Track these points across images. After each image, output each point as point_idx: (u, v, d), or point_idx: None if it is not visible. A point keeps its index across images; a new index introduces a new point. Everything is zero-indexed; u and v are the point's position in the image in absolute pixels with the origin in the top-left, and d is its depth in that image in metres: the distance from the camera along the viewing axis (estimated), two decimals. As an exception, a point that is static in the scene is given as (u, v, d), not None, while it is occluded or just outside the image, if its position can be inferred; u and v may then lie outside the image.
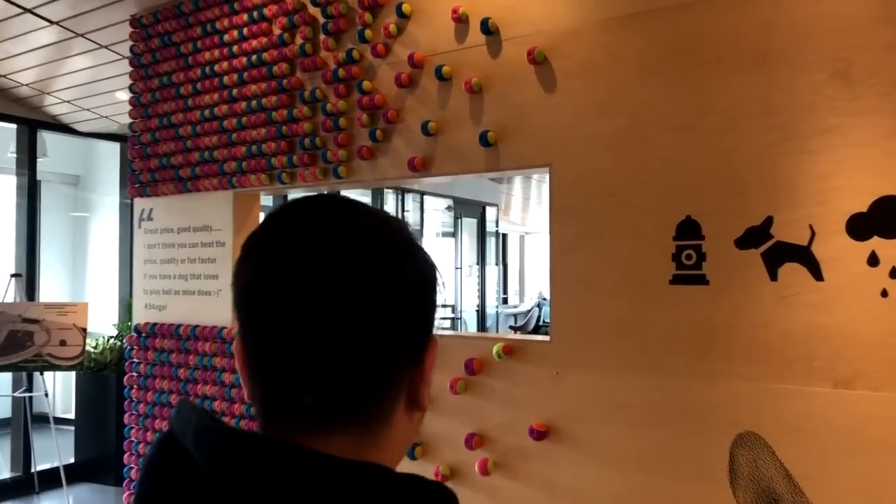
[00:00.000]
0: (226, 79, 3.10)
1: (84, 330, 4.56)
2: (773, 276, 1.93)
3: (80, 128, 5.38)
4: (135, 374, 3.42)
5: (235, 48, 3.07)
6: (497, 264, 11.93)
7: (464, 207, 10.81)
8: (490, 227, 11.55)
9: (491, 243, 11.75)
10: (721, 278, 2.00)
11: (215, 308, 3.14)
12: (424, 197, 10.07)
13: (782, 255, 1.92)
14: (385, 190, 9.04)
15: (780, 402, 1.90)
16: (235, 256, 3.01)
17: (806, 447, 1.86)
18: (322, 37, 2.82)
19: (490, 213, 11.44)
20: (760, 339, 1.93)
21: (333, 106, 2.75)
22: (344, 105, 2.74)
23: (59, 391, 6.95)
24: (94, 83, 4.45)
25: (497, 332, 10.87)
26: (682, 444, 2.04)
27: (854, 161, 1.83)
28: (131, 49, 3.50)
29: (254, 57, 3.00)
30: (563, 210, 2.29)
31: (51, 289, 7.25)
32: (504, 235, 12.25)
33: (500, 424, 2.39)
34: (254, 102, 2.99)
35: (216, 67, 3.13)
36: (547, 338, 2.33)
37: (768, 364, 1.92)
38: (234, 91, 3.06)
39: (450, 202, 10.56)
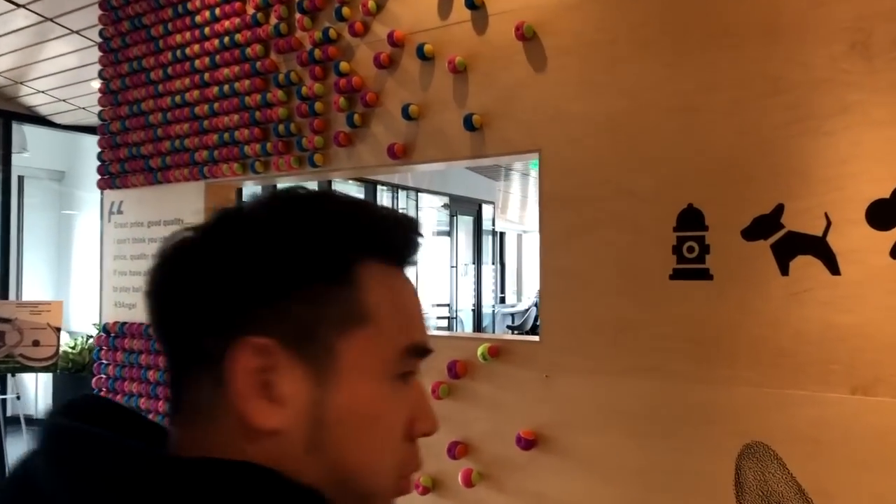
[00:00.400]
0: (197, 62, 2.91)
1: (58, 329, 4.37)
2: (784, 271, 1.74)
3: (58, 120, 5.19)
4: (103, 376, 3.24)
5: (207, 30, 2.88)
6: (493, 263, 11.77)
7: (459, 205, 10.65)
8: (486, 225, 11.40)
9: (488, 242, 11.59)
10: (726, 273, 1.81)
11: (186, 306, 2.94)
12: (419, 194, 9.91)
13: (794, 246, 1.73)
14: (379, 187, 8.87)
15: (792, 409, 1.72)
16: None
17: (820, 460, 1.68)
18: (297, 15, 2.63)
19: (487, 210, 11.29)
20: (770, 340, 1.75)
21: (309, 89, 2.56)
22: (320, 88, 2.55)
23: (41, 392, 6.77)
24: (69, 72, 4.27)
25: (494, 331, 10.71)
26: (683, 455, 1.86)
27: (875, 142, 1.65)
28: (101, 33, 3.31)
29: (226, 38, 2.81)
30: (553, 200, 2.10)
31: (35, 287, 7.07)
32: (502, 234, 12.10)
33: (485, 432, 2.20)
34: (226, 87, 2.81)
35: (187, 51, 2.95)
36: (536, 338, 2.15)
37: (779, 367, 1.74)
38: (206, 75, 2.88)
39: (445, 200, 10.40)
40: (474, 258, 10.94)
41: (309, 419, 0.56)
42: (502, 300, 12.02)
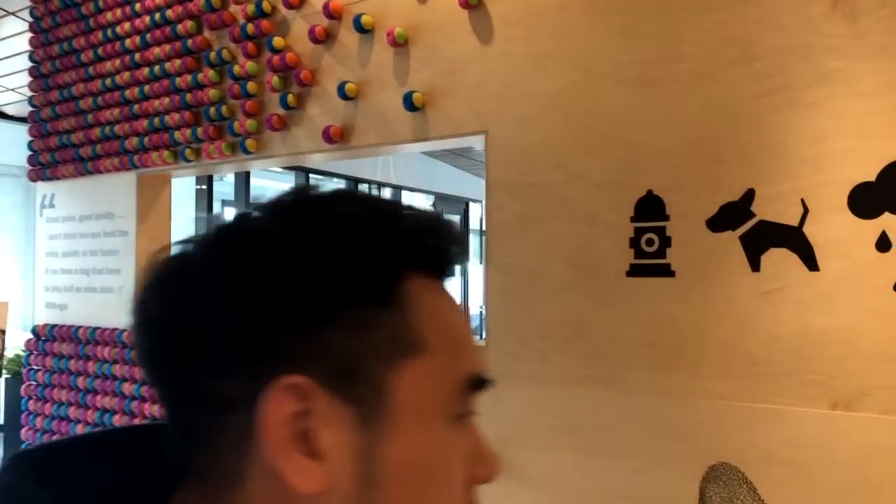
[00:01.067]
0: (128, 42, 2.67)
1: (2, 332, 4.13)
2: (755, 266, 1.51)
3: (8, 111, 4.95)
4: (33, 382, 3.00)
5: (138, 6, 2.65)
6: (482, 263, 11.55)
7: (446, 203, 10.43)
8: (474, 224, 11.19)
9: (477, 241, 11.38)
10: (689, 269, 1.58)
11: (116, 308, 2.71)
12: (403, 192, 9.70)
13: (766, 238, 1.51)
14: (359, 185, 8.64)
15: (764, 426, 1.49)
16: (139, 247, 2.50)
17: (796, 484, 1.46)
18: (230, -13, 2.40)
19: (475, 209, 11.09)
20: (739, 347, 1.52)
21: (241, 68, 2.32)
22: (253, 67, 2.31)
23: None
24: (10, 58, 4.02)
25: (482, 332, 10.48)
26: (641, 477, 1.63)
27: (860, 116, 1.42)
28: (31, 12, 3.07)
29: (157, 15, 2.57)
30: (500, 187, 1.87)
31: (1, 288, 6.83)
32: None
33: (426, 449, 1.97)
34: (157, 68, 2.57)
35: (118, 29, 2.71)
36: (481, 342, 1.91)
37: (749, 378, 1.51)
38: (137, 56, 2.64)
39: (431, 198, 10.20)
40: (461, 258, 10.74)
41: (357, 476, 0.46)
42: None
